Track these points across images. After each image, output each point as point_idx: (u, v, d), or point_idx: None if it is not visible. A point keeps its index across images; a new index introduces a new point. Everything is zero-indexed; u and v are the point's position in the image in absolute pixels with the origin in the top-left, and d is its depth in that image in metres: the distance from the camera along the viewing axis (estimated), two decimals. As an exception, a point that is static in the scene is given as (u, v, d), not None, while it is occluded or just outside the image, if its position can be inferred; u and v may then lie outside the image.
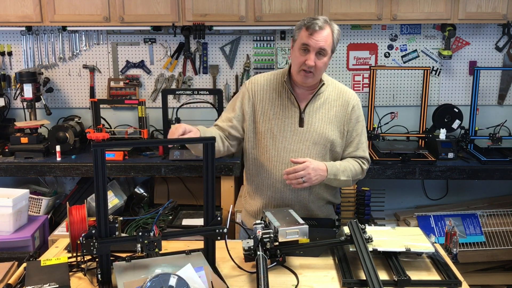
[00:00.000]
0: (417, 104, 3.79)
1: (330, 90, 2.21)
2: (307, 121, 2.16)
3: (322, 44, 2.03)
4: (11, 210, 2.92)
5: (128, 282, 1.57)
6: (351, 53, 3.81)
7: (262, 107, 2.19)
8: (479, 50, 3.80)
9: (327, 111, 2.18)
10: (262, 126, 2.18)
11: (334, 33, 2.07)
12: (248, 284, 1.75)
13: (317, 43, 2.02)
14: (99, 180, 1.57)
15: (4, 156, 3.43)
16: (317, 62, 2.05)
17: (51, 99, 3.87)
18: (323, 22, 2.04)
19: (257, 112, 2.19)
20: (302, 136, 2.15)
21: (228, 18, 3.43)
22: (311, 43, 2.03)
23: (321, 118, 2.17)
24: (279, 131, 2.16)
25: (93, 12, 3.43)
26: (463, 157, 3.43)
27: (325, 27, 2.04)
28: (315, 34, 2.02)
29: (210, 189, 1.74)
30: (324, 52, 2.05)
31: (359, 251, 1.79)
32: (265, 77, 2.25)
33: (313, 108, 2.17)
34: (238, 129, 2.22)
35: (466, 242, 3.39)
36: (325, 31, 2.03)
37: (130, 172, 3.30)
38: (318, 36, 2.02)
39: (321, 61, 2.06)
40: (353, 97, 2.23)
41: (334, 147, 2.19)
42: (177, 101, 3.83)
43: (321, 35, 2.02)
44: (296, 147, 2.15)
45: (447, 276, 1.77)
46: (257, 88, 2.21)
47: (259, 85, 2.22)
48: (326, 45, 2.04)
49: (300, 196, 2.18)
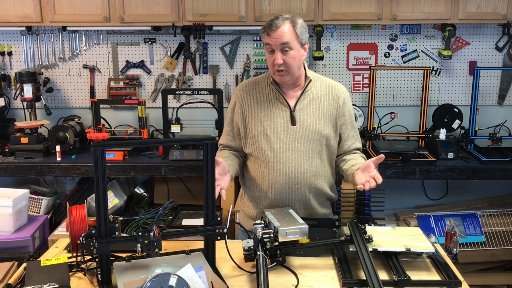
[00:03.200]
0: (417, 104, 3.79)
1: (319, 86, 2.24)
2: (299, 118, 2.18)
3: (282, 39, 2.05)
4: (11, 210, 2.92)
5: (128, 282, 1.57)
6: (351, 53, 3.81)
7: (251, 112, 2.22)
8: (479, 50, 3.80)
9: (318, 106, 2.20)
10: (255, 129, 2.20)
11: (296, 26, 2.08)
12: (248, 284, 1.75)
13: (277, 40, 2.06)
14: (99, 180, 1.57)
15: (4, 156, 3.43)
16: (285, 58, 2.08)
17: (51, 99, 3.87)
18: (281, 20, 2.07)
19: (247, 118, 2.23)
20: (295, 134, 2.17)
21: (228, 18, 3.43)
22: (272, 42, 2.07)
23: (313, 114, 2.19)
24: (272, 132, 2.17)
25: (93, 12, 3.43)
26: (463, 157, 3.43)
27: (284, 23, 2.06)
28: (272, 32, 2.06)
29: (210, 189, 1.74)
30: (288, 46, 2.07)
31: (359, 251, 1.79)
32: (251, 81, 2.29)
33: (303, 106, 2.19)
34: (239, 140, 2.29)
35: (466, 242, 3.38)
36: (283, 27, 2.06)
37: (130, 172, 3.30)
38: (276, 34, 2.05)
39: (289, 56, 2.08)
40: (342, 91, 2.27)
41: (329, 141, 2.21)
42: (177, 101, 3.83)
43: (279, 31, 2.05)
44: (291, 145, 2.16)
45: (447, 276, 1.77)
46: (244, 94, 2.25)
47: (246, 90, 2.26)
48: (286, 39, 2.06)
49: (301, 194, 2.19)
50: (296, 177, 2.16)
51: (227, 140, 2.32)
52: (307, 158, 2.17)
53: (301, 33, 2.10)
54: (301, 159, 2.16)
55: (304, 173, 2.17)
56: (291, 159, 2.16)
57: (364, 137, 3.57)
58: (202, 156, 1.74)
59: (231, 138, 2.31)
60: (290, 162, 2.15)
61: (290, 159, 2.16)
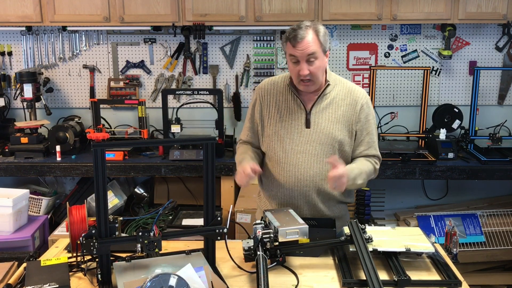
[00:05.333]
0: (417, 104, 3.79)
1: (338, 90, 2.20)
2: (314, 122, 2.16)
3: (308, 50, 2.02)
4: (11, 210, 2.92)
5: (128, 282, 1.57)
6: (351, 53, 3.81)
7: (269, 111, 2.21)
8: (479, 50, 3.80)
9: (334, 110, 2.17)
10: (270, 129, 2.20)
11: (319, 34, 2.04)
12: (248, 284, 1.75)
13: (303, 52, 2.02)
14: (99, 180, 1.57)
15: (4, 156, 3.43)
16: (311, 68, 2.05)
17: (51, 99, 3.87)
18: (304, 29, 2.02)
19: (265, 117, 2.23)
20: (308, 137, 2.15)
21: (228, 18, 3.43)
22: (298, 53, 2.03)
23: (328, 118, 2.16)
24: (286, 133, 2.17)
25: (93, 12, 3.43)
26: (463, 157, 3.43)
27: (307, 33, 2.02)
28: (298, 44, 2.02)
29: (210, 189, 1.74)
30: (313, 56, 2.03)
31: (359, 251, 1.79)
32: (272, 81, 2.27)
33: (319, 109, 2.17)
34: (258, 137, 2.29)
35: (466, 242, 3.38)
36: (307, 37, 2.02)
37: (130, 172, 3.30)
38: (302, 45, 2.02)
39: (314, 66, 2.05)
40: (362, 96, 2.20)
41: (343, 146, 2.18)
42: (177, 101, 3.83)
43: (304, 42, 2.01)
44: (303, 148, 2.15)
45: (447, 276, 1.77)
46: (264, 93, 2.24)
47: (266, 89, 2.25)
48: (312, 49, 2.02)
49: (309, 197, 2.18)
50: (305, 179, 2.15)
51: (247, 137, 2.31)
52: (317, 162, 2.15)
53: (324, 41, 2.06)
54: (312, 162, 2.15)
55: (314, 176, 2.15)
56: (301, 161, 2.15)
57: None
58: (202, 156, 1.74)
59: (252, 135, 2.29)
60: (300, 164, 2.15)
61: (301, 161, 2.15)
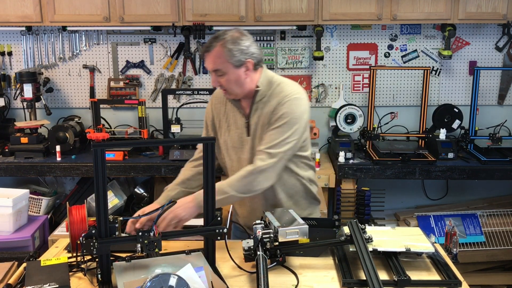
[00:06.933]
0: (417, 104, 3.79)
1: (270, 93, 2.08)
2: (253, 129, 2.10)
3: (211, 66, 2.00)
4: (11, 210, 2.92)
5: (128, 282, 1.57)
6: (351, 53, 3.81)
7: (219, 121, 2.19)
8: (479, 50, 3.80)
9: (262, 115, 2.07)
10: (221, 139, 2.19)
11: (225, 46, 1.95)
12: (248, 284, 1.75)
13: (208, 66, 2.02)
14: (99, 180, 1.57)
15: (4, 156, 3.43)
16: (220, 80, 2.01)
17: (51, 99, 3.87)
18: (210, 43, 1.99)
19: (216, 126, 2.21)
20: (250, 144, 2.10)
21: (228, 18, 3.43)
22: (206, 65, 2.05)
23: (262, 124, 2.08)
24: (232, 143, 2.14)
25: (93, 12, 3.43)
26: (463, 157, 3.43)
27: (213, 46, 1.97)
28: (205, 58, 2.03)
29: (210, 189, 1.74)
30: (219, 72, 1.99)
31: (359, 251, 1.79)
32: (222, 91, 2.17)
33: (255, 115, 2.09)
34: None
35: (466, 242, 3.38)
36: (212, 52, 1.98)
37: (130, 172, 3.30)
38: (207, 60, 2.01)
39: (224, 79, 2.00)
40: (285, 93, 2.03)
41: None
42: (177, 101, 3.83)
43: (208, 58, 2.00)
44: (247, 156, 2.10)
45: (447, 276, 1.77)
46: (216, 102, 2.22)
47: (218, 99, 2.22)
48: (216, 65, 1.98)
49: (255, 204, 2.14)
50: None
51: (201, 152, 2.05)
52: None
53: (233, 56, 1.95)
54: None
55: None
56: None
57: (364, 137, 3.58)
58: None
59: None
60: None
61: None
